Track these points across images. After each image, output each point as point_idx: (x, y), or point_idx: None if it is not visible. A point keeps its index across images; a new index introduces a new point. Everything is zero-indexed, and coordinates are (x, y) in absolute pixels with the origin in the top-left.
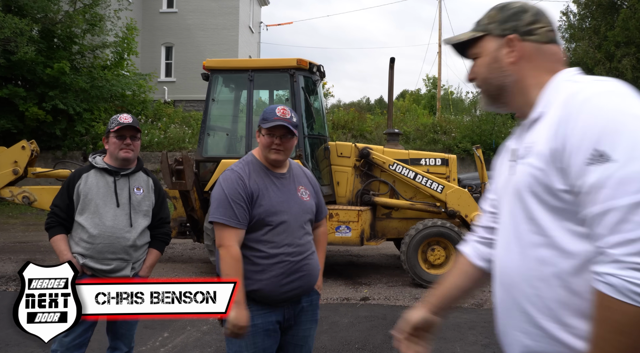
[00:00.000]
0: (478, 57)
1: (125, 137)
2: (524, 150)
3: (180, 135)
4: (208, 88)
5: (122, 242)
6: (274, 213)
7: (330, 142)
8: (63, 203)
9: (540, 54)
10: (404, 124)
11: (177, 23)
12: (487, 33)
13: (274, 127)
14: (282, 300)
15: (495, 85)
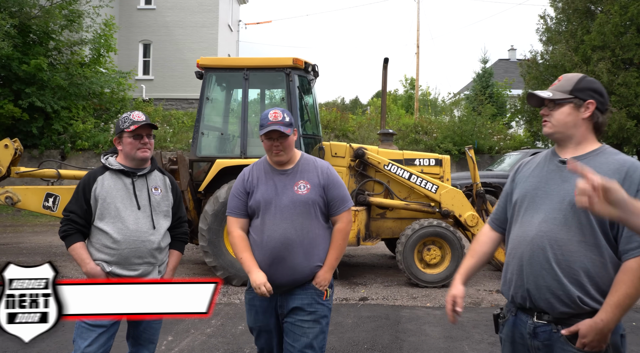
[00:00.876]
0: None
1: (142, 136)
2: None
3: (161, 134)
4: (202, 86)
5: (148, 245)
6: (261, 203)
7: (324, 142)
8: (80, 208)
9: None
10: (386, 124)
11: (155, 20)
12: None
13: (268, 132)
14: (273, 286)
15: None
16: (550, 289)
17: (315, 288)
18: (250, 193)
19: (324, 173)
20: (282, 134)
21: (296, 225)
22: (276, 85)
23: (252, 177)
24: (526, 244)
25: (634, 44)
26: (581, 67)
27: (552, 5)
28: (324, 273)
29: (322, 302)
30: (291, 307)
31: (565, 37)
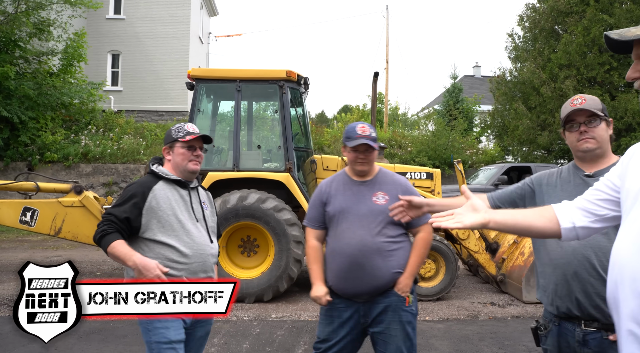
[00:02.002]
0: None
1: (195, 148)
2: None
3: (134, 147)
4: (193, 98)
5: (211, 259)
6: (337, 212)
7: (315, 156)
8: (125, 215)
9: None
10: None
11: (125, 30)
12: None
13: (357, 145)
14: (350, 294)
15: None
16: (600, 295)
17: (398, 294)
18: (326, 203)
19: (402, 186)
20: (368, 147)
21: (373, 233)
22: (269, 97)
23: (330, 188)
24: (570, 254)
25: (597, 64)
26: (549, 84)
27: (520, 25)
28: (405, 279)
29: (405, 308)
30: (375, 315)
31: (533, 55)
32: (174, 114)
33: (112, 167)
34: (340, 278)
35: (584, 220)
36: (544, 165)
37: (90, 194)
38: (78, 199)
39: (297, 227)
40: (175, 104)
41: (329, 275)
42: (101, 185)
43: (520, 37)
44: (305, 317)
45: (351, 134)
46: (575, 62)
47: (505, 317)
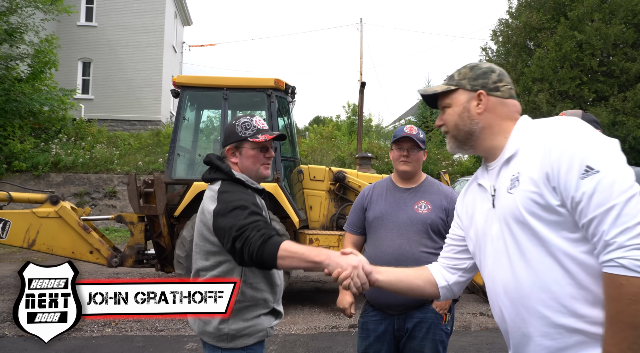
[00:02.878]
0: (449, 107)
1: (267, 149)
2: (509, 182)
3: (107, 157)
4: (178, 106)
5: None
6: (376, 218)
7: (302, 165)
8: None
9: (503, 106)
10: (338, 148)
11: (97, 38)
12: (459, 87)
13: (400, 139)
14: (384, 306)
15: (464, 131)
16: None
17: (435, 311)
18: (367, 209)
19: (447, 197)
20: (414, 144)
21: (412, 242)
22: (256, 106)
23: (372, 194)
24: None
25: (568, 78)
26: (523, 97)
27: (493, 39)
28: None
29: (442, 326)
30: (409, 329)
31: (507, 69)
32: (146, 124)
33: (84, 177)
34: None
35: (452, 276)
36: None
37: (67, 205)
38: (54, 210)
39: (285, 238)
40: (148, 113)
41: None
42: (72, 195)
43: (494, 52)
44: (295, 330)
45: (398, 132)
46: (548, 76)
47: (496, 327)
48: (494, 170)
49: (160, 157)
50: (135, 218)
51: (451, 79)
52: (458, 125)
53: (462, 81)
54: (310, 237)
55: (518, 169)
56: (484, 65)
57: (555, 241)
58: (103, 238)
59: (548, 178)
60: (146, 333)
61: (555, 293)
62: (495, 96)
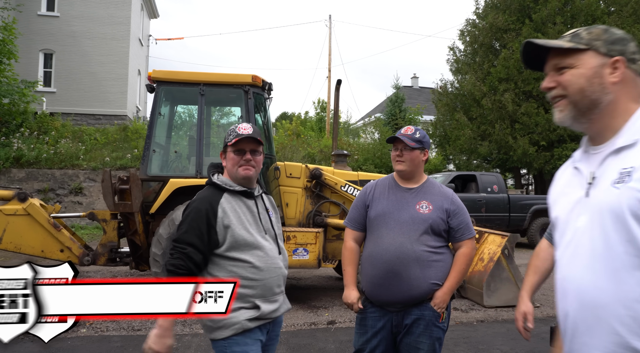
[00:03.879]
0: (572, 68)
1: (244, 152)
2: (616, 174)
3: (72, 151)
4: (154, 101)
5: (280, 272)
6: (378, 216)
7: (278, 162)
8: (201, 241)
9: (633, 83)
10: (308, 145)
11: (59, 28)
12: (590, 48)
13: (393, 140)
14: (383, 302)
15: (590, 99)
16: None
17: (433, 309)
18: (369, 206)
19: (448, 199)
20: (406, 146)
21: (413, 241)
22: (233, 102)
23: (374, 191)
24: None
25: (533, 78)
26: (489, 96)
27: (461, 39)
28: (443, 294)
29: (438, 324)
30: (407, 326)
31: (474, 68)
32: (112, 118)
33: (48, 173)
34: (375, 284)
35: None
36: (487, 173)
37: (36, 202)
38: (22, 207)
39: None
40: (113, 107)
41: (363, 281)
42: (36, 191)
43: (461, 51)
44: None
45: (396, 134)
46: (513, 76)
47: (471, 321)
48: (598, 155)
49: (128, 153)
50: (108, 215)
51: (576, 37)
52: (585, 90)
53: (596, 42)
54: (288, 234)
55: (633, 163)
56: (618, 31)
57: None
58: (74, 237)
59: None
60: (123, 333)
61: (637, 312)
62: (631, 69)
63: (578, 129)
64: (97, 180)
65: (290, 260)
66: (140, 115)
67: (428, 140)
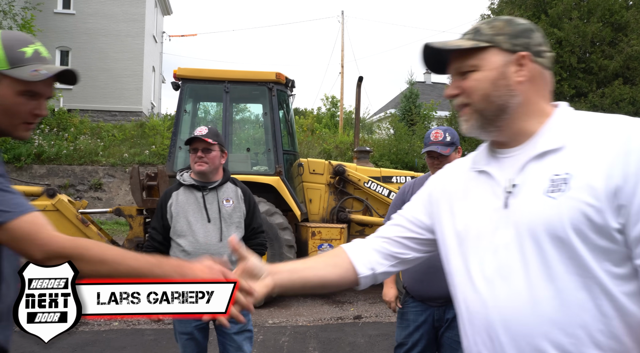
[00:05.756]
0: (476, 70)
1: (197, 150)
2: (547, 182)
3: (91, 148)
4: (179, 98)
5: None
6: None
7: (302, 159)
8: (158, 224)
9: (542, 79)
10: (323, 141)
11: (75, 26)
12: (493, 45)
13: (427, 152)
14: (425, 297)
15: (497, 104)
16: None
17: None
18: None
19: None
20: (440, 154)
21: None
22: (257, 99)
23: (413, 190)
24: None
25: None
26: None
27: None
28: None
29: None
30: (448, 321)
31: None
32: (128, 115)
33: (68, 169)
34: (416, 280)
35: (384, 264)
36: None
37: (64, 197)
38: (51, 203)
39: (288, 231)
40: (129, 104)
41: (404, 276)
42: (57, 187)
43: None
44: (302, 322)
45: (426, 140)
46: None
47: None
48: (514, 159)
49: (146, 149)
50: (134, 211)
51: (477, 33)
52: (490, 95)
53: (498, 37)
54: (313, 230)
55: (567, 169)
56: (521, 21)
57: (596, 272)
58: (101, 232)
59: (617, 193)
60: (154, 327)
61: (580, 339)
62: (538, 63)
63: (487, 138)
64: (116, 176)
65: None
66: (155, 111)
67: (457, 136)
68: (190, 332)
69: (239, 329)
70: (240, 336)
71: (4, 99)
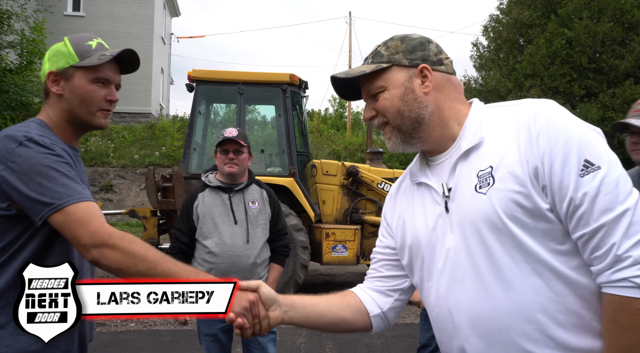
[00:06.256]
0: (383, 90)
1: (228, 152)
2: (476, 179)
3: (102, 149)
4: (193, 100)
5: (244, 260)
6: None
7: (315, 160)
8: (184, 226)
9: (450, 84)
10: (332, 142)
11: (85, 28)
12: (393, 63)
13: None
14: None
15: (411, 118)
16: None
17: None
18: None
19: None
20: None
21: None
22: (270, 100)
23: None
24: None
25: (559, 74)
26: (515, 93)
27: (484, 35)
28: None
29: None
30: None
31: (498, 64)
32: (137, 116)
33: None
34: None
35: (387, 301)
36: None
37: None
38: None
39: (303, 232)
40: (138, 105)
41: None
42: None
43: (485, 47)
44: None
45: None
46: (539, 72)
47: None
48: (444, 165)
49: (157, 150)
50: (148, 212)
51: (377, 55)
52: (402, 111)
53: (396, 56)
54: (327, 231)
55: (489, 163)
56: (415, 36)
57: (541, 255)
58: None
59: (537, 175)
60: (171, 328)
61: (542, 323)
62: (440, 71)
63: (413, 151)
64: (126, 178)
65: (329, 257)
66: (164, 113)
67: None
68: (215, 333)
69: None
70: (265, 338)
71: (79, 90)
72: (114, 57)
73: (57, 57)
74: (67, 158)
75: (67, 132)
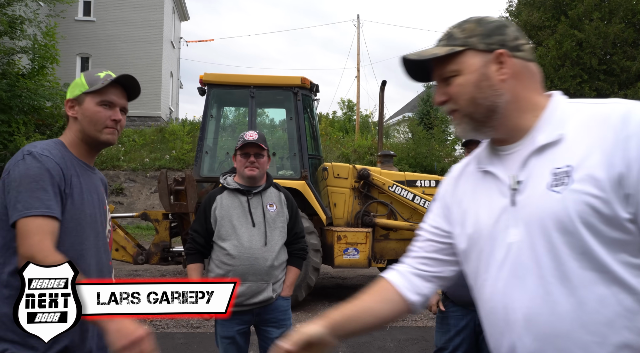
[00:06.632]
0: (457, 75)
1: (249, 155)
2: (550, 176)
3: (113, 153)
4: (205, 103)
5: (262, 263)
6: None
7: (326, 163)
8: (201, 228)
9: (527, 72)
10: (341, 145)
11: (95, 33)
12: (468, 47)
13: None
14: (466, 302)
15: (485, 106)
16: None
17: None
18: None
19: None
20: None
21: None
22: (282, 104)
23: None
24: None
25: (569, 76)
26: None
27: None
28: None
29: None
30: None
31: None
32: (147, 120)
33: None
34: (457, 284)
35: (429, 287)
36: None
37: None
38: None
39: (314, 235)
40: (148, 109)
41: None
42: None
43: None
44: None
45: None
46: (549, 74)
47: None
48: (514, 156)
49: (167, 154)
50: (160, 215)
51: (451, 38)
52: (476, 98)
53: (471, 39)
54: (339, 234)
55: (568, 161)
56: (492, 19)
57: (611, 265)
58: (128, 236)
59: (621, 182)
60: (183, 330)
61: (606, 337)
62: (518, 58)
63: (484, 138)
64: (137, 181)
65: (341, 260)
66: (173, 116)
67: None
68: (232, 336)
69: (280, 334)
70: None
71: (88, 111)
72: (120, 83)
73: (74, 88)
74: (61, 172)
75: (82, 149)
